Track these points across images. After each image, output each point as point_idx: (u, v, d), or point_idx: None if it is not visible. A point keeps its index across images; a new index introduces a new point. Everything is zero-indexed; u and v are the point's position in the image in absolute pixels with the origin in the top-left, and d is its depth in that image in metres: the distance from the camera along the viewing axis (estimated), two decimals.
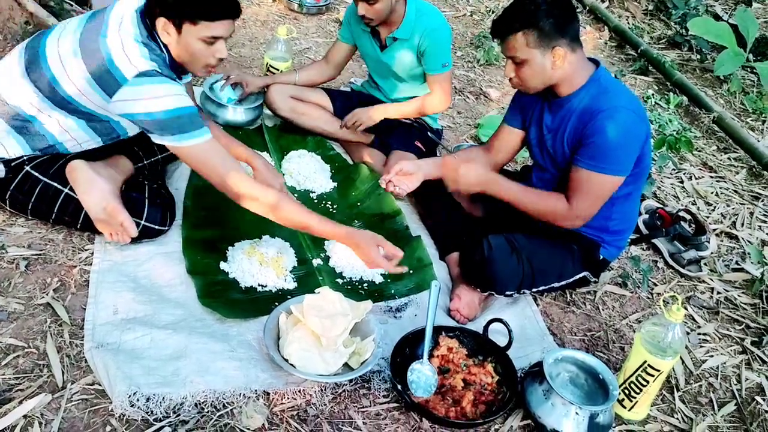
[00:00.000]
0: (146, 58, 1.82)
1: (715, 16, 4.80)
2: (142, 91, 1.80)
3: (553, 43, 1.91)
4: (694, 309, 2.34)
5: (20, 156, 2.00)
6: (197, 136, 1.86)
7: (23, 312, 1.84)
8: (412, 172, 2.19)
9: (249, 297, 2.05)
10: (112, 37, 1.84)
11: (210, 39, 1.87)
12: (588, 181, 1.96)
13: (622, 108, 1.92)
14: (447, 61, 2.57)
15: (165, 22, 1.85)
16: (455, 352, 1.89)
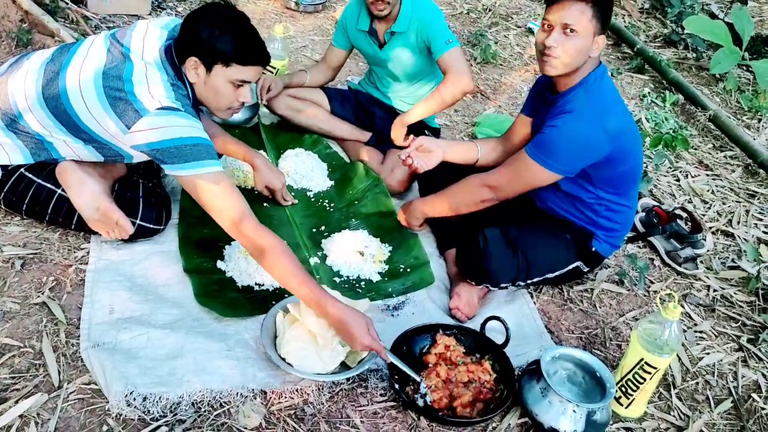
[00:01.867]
0: (171, 99, 1.81)
1: (710, 15, 4.81)
2: (161, 122, 1.78)
3: (602, 31, 1.93)
4: (691, 307, 2.35)
5: (22, 165, 2.00)
6: (206, 165, 1.81)
7: (19, 311, 1.83)
8: (432, 149, 2.20)
9: (246, 296, 2.05)
10: (137, 74, 1.82)
11: (239, 82, 1.87)
12: (517, 157, 2.02)
13: (588, 111, 1.92)
14: (449, 37, 2.51)
15: (196, 62, 1.83)
16: (453, 349, 1.89)
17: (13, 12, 2.98)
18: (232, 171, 2.56)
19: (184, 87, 1.88)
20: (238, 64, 1.84)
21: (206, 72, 1.85)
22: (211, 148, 1.85)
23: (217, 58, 1.82)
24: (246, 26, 1.86)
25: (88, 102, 1.84)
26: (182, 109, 1.82)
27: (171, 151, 1.79)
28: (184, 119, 1.81)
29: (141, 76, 1.82)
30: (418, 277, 2.24)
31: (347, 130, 2.86)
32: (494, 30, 4.34)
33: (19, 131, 1.94)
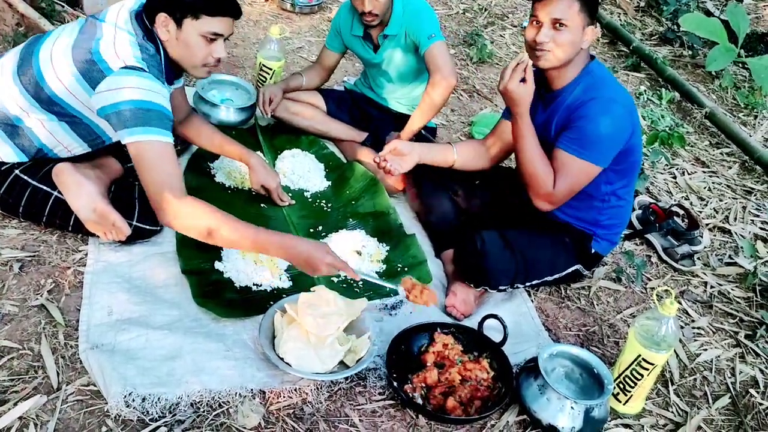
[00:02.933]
0: (137, 58, 1.82)
1: (706, 12, 4.81)
2: (123, 81, 1.79)
3: (592, 21, 1.95)
4: (688, 303, 2.35)
5: (13, 162, 2.00)
6: (160, 134, 1.80)
7: (17, 314, 1.83)
8: (406, 152, 2.21)
9: (244, 296, 2.05)
10: (107, 36, 1.84)
11: (210, 35, 1.87)
12: (568, 164, 1.98)
13: (612, 100, 1.94)
14: (432, 32, 2.50)
15: (165, 17, 1.84)
16: (450, 348, 1.89)
17: (9, 16, 2.98)
18: (230, 172, 2.57)
19: (154, 48, 1.88)
20: (208, 15, 1.85)
21: (177, 27, 1.86)
22: (164, 116, 1.83)
23: (186, 10, 1.83)
24: None
25: (59, 70, 1.86)
26: (146, 69, 1.82)
27: (125, 113, 1.78)
28: (147, 80, 1.80)
29: (109, 37, 1.84)
30: (415, 275, 2.22)
31: (343, 131, 2.86)
32: (490, 29, 4.35)
33: (1, 123, 1.95)
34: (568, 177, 1.99)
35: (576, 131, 1.96)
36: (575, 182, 2.00)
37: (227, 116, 2.77)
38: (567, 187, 2.00)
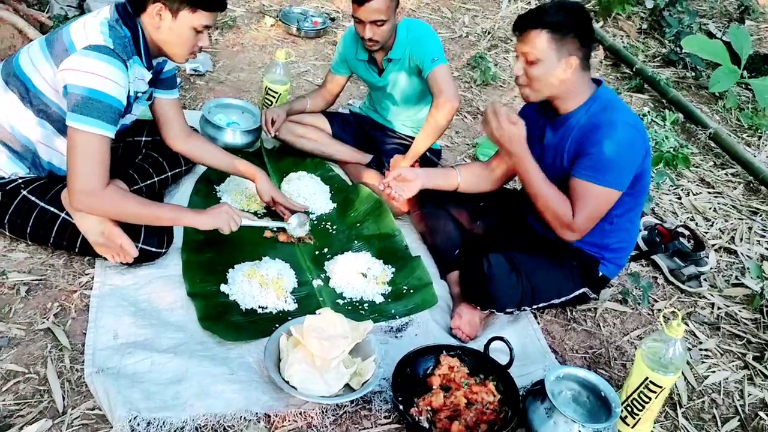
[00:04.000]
0: (104, 36, 1.88)
1: (708, 34, 4.85)
2: (83, 63, 1.84)
3: (571, 50, 1.94)
4: (695, 325, 2.34)
5: (15, 174, 2.03)
6: (99, 126, 1.85)
7: (24, 337, 1.84)
8: (410, 179, 2.22)
9: (249, 319, 2.05)
10: (79, 20, 1.93)
11: (201, 28, 1.96)
12: (586, 192, 1.97)
13: (622, 122, 1.94)
14: (435, 55, 2.52)
15: (161, 7, 1.91)
16: (456, 370, 1.88)
17: (19, 41, 3.03)
18: (235, 195, 2.58)
19: (128, 30, 1.94)
20: (204, 11, 1.94)
21: (172, 17, 1.93)
22: (111, 109, 1.88)
23: (184, 3, 1.91)
24: None
25: (32, 55, 1.94)
26: (112, 47, 1.87)
27: (75, 97, 1.84)
28: (108, 66, 1.85)
29: (80, 21, 1.92)
30: (421, 298, 2.24)
31: (348, 153, 2.88)
32: (494, 52, 4.38)
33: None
34: (588, 205, 1.98)
35: (590, 158, 1.95)
36: (596, 210, 1.99)
37: (233, 139, 2.80)
38: (588, 215, 1.99)
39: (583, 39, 1.96)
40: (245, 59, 3.71)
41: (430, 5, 4.87)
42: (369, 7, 2.42)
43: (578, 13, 1.96)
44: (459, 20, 4.70)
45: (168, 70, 2.22)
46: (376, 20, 2.46)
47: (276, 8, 4.30)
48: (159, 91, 2.22)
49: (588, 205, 1.98)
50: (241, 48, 3.80)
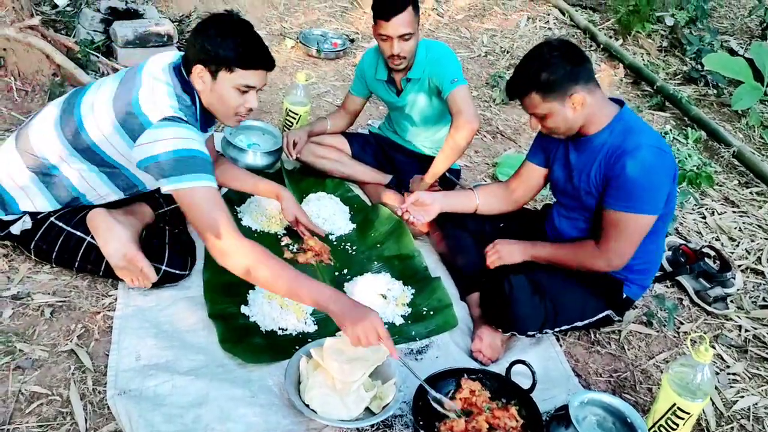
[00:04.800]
0: (174, 109, 1.86)
1: (730, 51, 4.81)
2: (162, 134, 1.83)
3: (569, 91, 1.93)
4: (722, 348, 2.29)
5: (47, 211, 2.04)
6: (200, 179, 1.82)
7: (47, 359, 1.85)
8: (428, 203, 2.22)
9: (270, 341, 2.05)
10: (146, 88, 1.89)
11: (244, 87, 1.91)
12: (621, 222, 1.95)
13: (648, 146, 1.92)
14: (455, 76, 2.53)
15: (201, 69, 1.89)
16: (478, 394, 1.85)
17: (46, 66, 3.09)
18: (256, 216, 2.59)
19: (190, 98, 1.93)
20: (242, 69, 1.88)
21: (212, 79, 1.90)
22: (207, 162, 1.86)
23: (221, 63, 1.87)
24: (248, 31, 1.91)
25: (100, 120, 1.91)
26: (185, 119, 1.86)
27: (169, 163, 1.81)
28: (186, 130, 1.84)
29: (148, 90, 1.88)
30: (441, 320, 2.22)
31: (368, 174, 2.89)
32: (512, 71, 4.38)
33: (41, 174, 1.99)
34: (624, 234, 1.97)
35: (622, 188, 1.93)
36: (633, 237, 1.97)
37: (254, 160, 2.82)
38: (625, 243, 1.98)
39: (573, 71, 1.93)
40: None
41: (448, 25, 4.90)
42: (397, 21, 2.44)
43: (559, 58, 1.93)
44: (478, 40, 4.72)
45: None
46: (403, 34, 2.47)
47: (296, 30, 4.36)
48: None
49: (626, 233, 1.96)
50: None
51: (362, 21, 4.70)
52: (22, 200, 2.01)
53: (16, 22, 3.02)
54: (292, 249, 2.46)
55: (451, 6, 5.16)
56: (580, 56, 1.97)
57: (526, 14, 5.20)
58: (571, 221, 2.18)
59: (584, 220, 2.14)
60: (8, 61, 3.02)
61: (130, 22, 3.51)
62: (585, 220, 2.13)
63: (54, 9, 3.67)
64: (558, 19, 5.24)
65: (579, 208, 2.13)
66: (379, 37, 2.53)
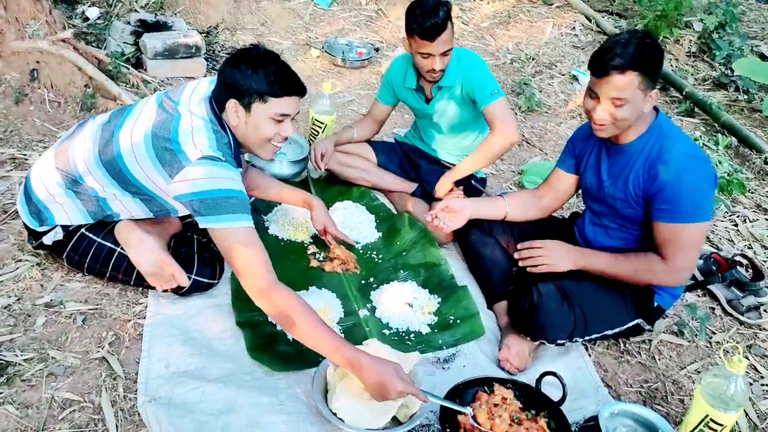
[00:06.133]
0: (213, 147, 1.87)
1: (761, 56, 4.74)
2: (200, 172, 1.83)
3: (654, 86, 1.91)
4: (756, 358, 2.25)
5: (81, 225, 2.08)
6: (237, 220, 1.83)
7: (79, 366, 1.88)
8: (458, 210, 2.21)
9: (297, 349, 2.05)
10: (184, 124, 1.89)
11: (279, 116, 1.92)
12: (680, 234, 1.92)
13: (685, 155, 1.91)
14: (494, 88, 2.54)
15: (235, 104, 1.90)
16: (509, 403, 1.83)
17: (78, 78, 3.16)
18: (283, 225, 2.61)
19: (225, 134, 1.93)
20: (274, 98, 1.89)
21: (246, 112, 1.91)
22: (245, 202, 1.87)
23: (253, 95, 1.88)
24: (276, 61, 1.92)
25: (139, 158, 1.92)
26: (223, 159, 1.87)
27: (207, 202, 1.82)
28: (224, 170, 1.85)
29: (186, 126, 1.89)
30: (468, 328, 2.21)
31: (394, 182, 2.89)
32: (538, 78, 4.36)
33: (77, 192, 2.03)
34: (685, 246, 1.94)
35: (673, 200, 1.90)
36: (694, 247, 1.95)
37: (280, 169, 2.84)
38: (688, 255, 1.95)
39: (659, 68, 1.92)
40: None
41: (473, 33, 4.90)
42: (440, 40, 2.44)
43: (655, 42, 1.89)
44: (503, 47, 4.71)
45: None
46: (446, 51, 2.48)
47: (321, 40, 4.39)
48: None
49: (685, 245, 1.94)
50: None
51: (387, 30, 4.72)
52: (58, 213, 2.05)
53: (49, 35, 3.09)
54: (319, 257, 2.47)
55: (476, 14, 5.16)
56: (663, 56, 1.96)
57: (552, 21, 5.18)
58: (602, 229, 2.16)
59: (617, 228, 2.12)
60: (41, 74, 3.09)
61: (159, 34, 3.57)
62: (618, 228, 2.11)
63: (85, 22, 3.75)
64: (584, 25, 5.21)
65: (612, 215, 2.11)
66: (420, 54, 2.53)
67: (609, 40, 1.92)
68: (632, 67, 1.85)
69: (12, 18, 3.01)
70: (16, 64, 3.06)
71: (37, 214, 2.06)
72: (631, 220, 2.07)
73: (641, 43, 1.86)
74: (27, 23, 3.05)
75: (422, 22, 2.41)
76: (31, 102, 3.04)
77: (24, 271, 2.16)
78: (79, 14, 3.81)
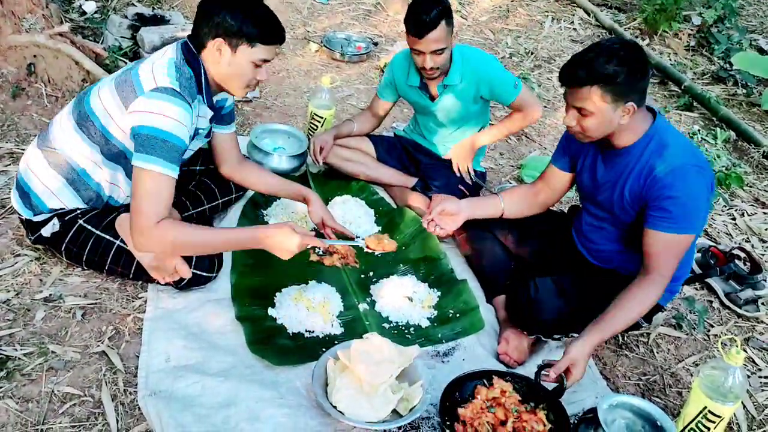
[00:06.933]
0: (171, 78, 1.91)
1: (759, 50, 4.74)
2: (150, 105, 1.87)
3: (628, 98, 1.84)
4: (754, 351, 2.26)
5: (75, 208, 2.08)
6: (164, 166, 1.87)
7: (79, 360, 1.89)
8: (453, 212, 2.20)
9: (297, 343, 2.06)
10: (147, 61, 1.98)
11: (260, 62, 1.98)
12: (669, 243, 1.89)
13: (690, 165, 1.87)
14: (514, 80, 2.62)
15: (221, 42, 1.93)
16: (508, 396, 1.84)
17: (75, 72, 3.15)
18: (282, 219, 2.61)
19: (191, 70, 1.97)
20: (262, 44, 1.95)
21: (232, 52, 1.95)
22: (177, 150, 1.90)
23: (243, 38, 1.92)
24: (267, 9, 1.98)
25: (102, 95, 1.98)
26: (178, 90, 1.90)
27: (144, 138, 1.86)
28: (173, 106, 1.88)
29: (148, 62, 1.96)
30: (467, 322, 2.22)
31: (393, 176, 2.89)
32: (537, 72, 4.36)
33: (57, 165, 2.04)
34: (673, 254, 1.91)
35: (668, 210, 1.86)
36: (679, 255, 1.93)
37: (279, 164, 2.84)
38: (673, 264, 1.92)
39: (638, 80, 1.85)
40: (291, 85, 3.78)
41: (472, 27, 4.89)
42: (429, 38, 2.44)
43: (632, 55, 1.83)
44: (502, 41, 4.70)
45: (228, 106, 2.26)
46: (436, 50, 2.47)
47: (320, 34, 4.38)
48: (217, 126, 2.26)
49: (673, 254, 1.91)
50: (286, 74, 3.88)
51: (386, 24, 4.71)
52: (48, 199, 2.06)
53: (46, 29, 3.08)
54: (319, 251, 2.47)
55: (474, 8, 5.15)
56: (646, 66, 1.88)
57: (551, 15, 5.17)
58: (602, 232, 2.14)
59: (616, 231, 2.10)
60: (38, 68, 3.08)
61: (157, 27, 3.56)
62: (617, 231, 2.10)
63: (82, 16, 3.74)
64: (583, 19, 5.20)
65: (609, 219, 2.09)
66: (413, 50, 2.53)
67: (580, 52, 1.89)
68: (591, 82, 1.81)
69: (8, 12, 3.00)
70: (13, 58, 3.05)
71: (29, 202, 2.07)
72: (629, 225, 2.04)
73: (610, 56, 1.80)
74: (24, 17, 3.04)
75: (413, 18, 2.43)
76: (29, 96, 3.03)
77: (23, 266, 2.16)
78: (76, 8, 3.80)
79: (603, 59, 1.80)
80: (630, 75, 1.82)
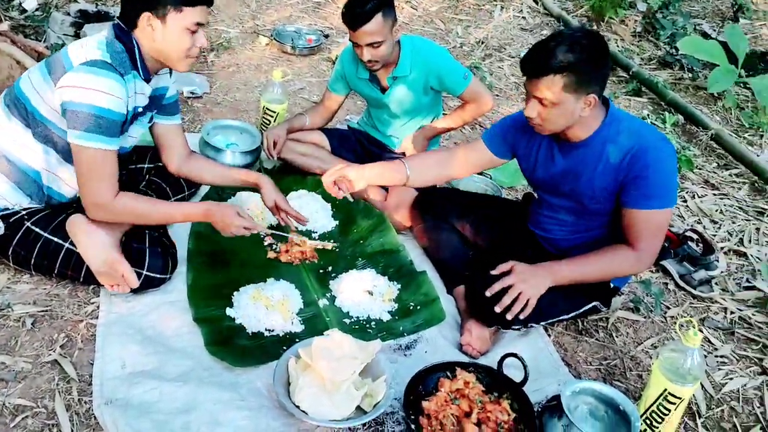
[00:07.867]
0: (102, 51, 1.89)
1: (703, 35, 4.85)
2: (81, 80, 1.85)
3: (590, 90, 1.84)
4: (709, 330, 2.31)
5: (18, 205, 2.01)
6: (102, 141, 1.88)
7: (31, 371, 1.81)
8: (352, 179, 2.20)
9: (257, 343, 2.02)
10: (76, 42, 1.95)
11: (194, 26, 1.95)
12: (649, 220, 1.91)
13: (656, 140, 1.91)
14: (464, 72, 2.62)
15: (150, 17, 1.91)
16: (471, 387, 1.84)
17: (17, 72, 3.01)
18: None
19: (123, 46, 1.94)
20: (189, 6, 1.92)
21: (162, 24, 1.92)
22: (113, 124, 1.89)
23: (169, 4, 1.90)
24: None
25: (32, 76, 1.95)
26: (109, 62, 1.88)
27: (78, 115, 1.85)
28: (104, 79, 1.86)
29: (78, 42, 1.95)
30: (428, 314, 2.21)
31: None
32: (488, 61, 4.38)
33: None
34: (656, 231, 1.93)
35: (645, 187, 1.88)
36: (662, 231, 1.96)
37: (233, 160, 2.78)
38: (657, 240, 1.95)
39: (601, 71, 1.86)
40: (241, 79, 3.71)
41: (422, 17, 4.88)
42: (364, 31, 2.41)
43: (593, 44, 1.83)
44: (452, 31, 4.71)
45: (170, 96, 2.21)
46: (372, 42, 2.45)
47: (269, 28, 4.31)
48: (160, 116, 2.21)
49: (656, 230, 1.94)
50: (236, 68, 3.80)
51: (336, 16, 4.66)
52: None
53: None
54: (276, 249, 2.43)
55: None
56: (608, 55, 1.89)
57: (499, 4, 5.20)
58: (561, 222, 2.15)
59: (577, 219, 2.11)
60: None
61: (101, 24, 3.43)
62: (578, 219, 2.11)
63: (23, 14, 3.59)
64: (531, 7, 5.24)
65: (573, 210, 2.10)
66: (352, 42, 2.51)
67: (541, 41, 1.88)
68: (553, 71, 1.80)
69: None
70: None
71: None
72: (596, 214, 2.06)
73: (572, 44, 1.80)
74: None
75: (348, 11, 2.42)
76: None
77: None
78: (15, 6, 3.64)
79: (565, 48, 1.80)
80: (592, 64, 1.82)
